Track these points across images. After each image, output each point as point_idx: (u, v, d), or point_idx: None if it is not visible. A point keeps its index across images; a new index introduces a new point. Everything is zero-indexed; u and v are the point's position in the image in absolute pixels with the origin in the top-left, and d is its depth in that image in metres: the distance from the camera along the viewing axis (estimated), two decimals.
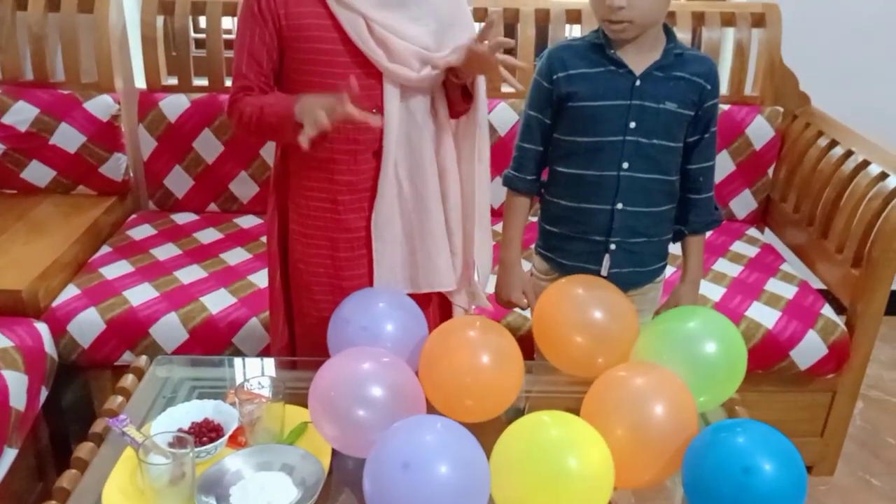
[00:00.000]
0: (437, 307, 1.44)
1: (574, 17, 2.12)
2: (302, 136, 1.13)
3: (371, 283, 1.34)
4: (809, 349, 1.74)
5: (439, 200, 1.34)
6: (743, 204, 2.20)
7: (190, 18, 2.10)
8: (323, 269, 1.34)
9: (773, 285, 1.88)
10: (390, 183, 1.29)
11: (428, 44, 1.25)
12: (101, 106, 2.03)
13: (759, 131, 2.12)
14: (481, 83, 1.31)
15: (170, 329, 1.69)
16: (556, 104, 1.31)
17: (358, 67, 1.22)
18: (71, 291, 1.74)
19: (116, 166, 2.09)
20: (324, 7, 1.21)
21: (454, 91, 1.31)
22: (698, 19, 2.13)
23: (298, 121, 1.17)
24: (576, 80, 1.28)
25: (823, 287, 1.94)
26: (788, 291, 1.86)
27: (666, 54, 1.26)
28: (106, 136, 2.05)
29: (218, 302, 1.73)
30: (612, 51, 1.26)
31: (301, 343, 1.43)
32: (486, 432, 1.03)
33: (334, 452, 1.11)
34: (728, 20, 2.14)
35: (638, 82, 1.25)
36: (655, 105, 1.26)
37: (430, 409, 1.15)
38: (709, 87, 1.28)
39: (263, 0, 1.22)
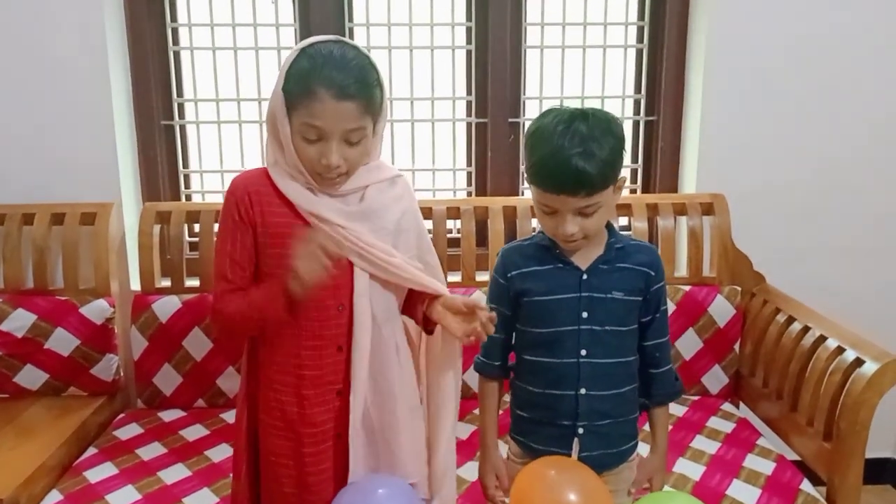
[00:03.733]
0: None
1: None
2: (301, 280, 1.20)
3: (335, 476, 1.34)
4: None
5: (401, 398, 1.37)
6: (714, 380, 2.23)
7: (185, 226, 2.22)
8: (293, 462, 1.35)
9: (752, 461, 1.87)
10: (360, 379, 1.33)
11: (388, 250, 1.35)
12: (96, 310, 2.10)
13: (721, 310, 2.20)
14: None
15: None
16: (514, 298, 1.38)
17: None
18: (54, 498, 1.70)
19: (107, 367, 2.12)
20: (298, 217, 1.32)
21: (415, 314, 1.42)
22: (653, 209, 2.28)
23: (293, 288, 1.23)
24: (528, 277, 1.36)
25: (799, 459, 1.92)
26: (767, 467, 1.84)
27: (608, 249, 1.35)
28: (99, 338, 2.10)
29: (200, 503, 1.69)
30: (558, 251, 1.35)
31: None
32: None
33: None
34: (680, 210, 2.28)
35: (585, 276, 1.33)
36: (603, 295, 1.33)
37: None
38: (653, 273, 1.37)
39: (243, 209, 1.32)
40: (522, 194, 2.48)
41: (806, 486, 1.77)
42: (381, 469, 1.37)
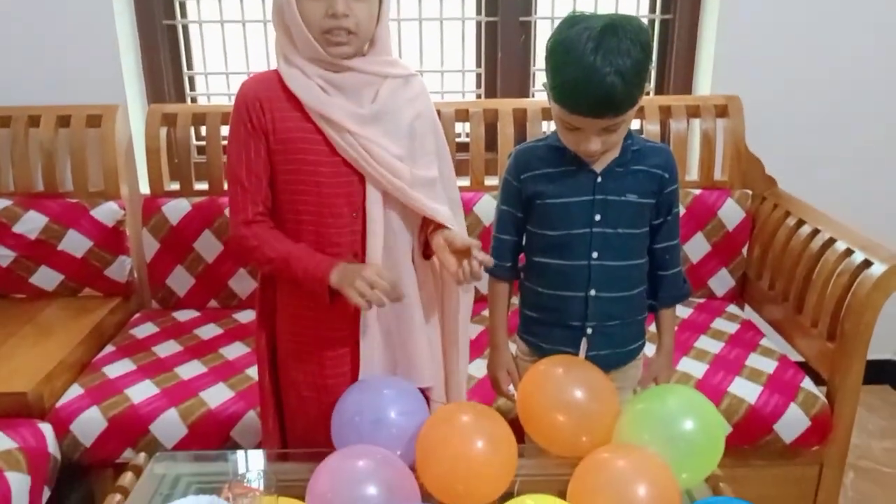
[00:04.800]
0: None
1: (550, 114, 2.19)
2: (355, 300, 1.21)
3: (352, 380, 1.36)
4: (792, 422, 1.74)
5: (417, 303, 1.37)
6: (721, 282, 2.24)
7: (192, 129, 2.19)
8: (311, 368, 1.37)
9: (754, 360, 1.90)
10: None
11: (401, 154, 1.31)
12: (107, 212, 2.10)
13: (731, 213, 2.18)
14: None
15: (169, 425, 1.69)
16: (526, 201, 1.36)
17: (341, 174, 1.28)
18: (75, 391, 1.75)
19: (121, 269, 2.14)
20: (309, 122, 1.27)
21: (419, 236, 1.39)
22: (666, 112, 2.23)
23: (334, 286, 1.23)
24: (541, 180, 1.33)
25: (802, 360, 1.95)
26: (769, 366, 1.87)
27: (624, 151, 1.32)
28: (111, 240, 2.11)
29: (216, 396, 1.74)
30: (573, 154, 1.31)
31: (292, 438, 1.44)
32: None
33: None
34: (693, 112, 2.23)
35: (599, 179, 1.31)
36: (618, 198, 1.31)
37: (427, 497, 1.15)
38: (667, 175, 1.34)
39: (254, 116, 1.28)
40: (533, 96, 2.42)
41: (807, 383, 1.80)
42: (399, 373, 1.38)
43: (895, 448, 2.26)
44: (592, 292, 1.33)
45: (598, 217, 1.31)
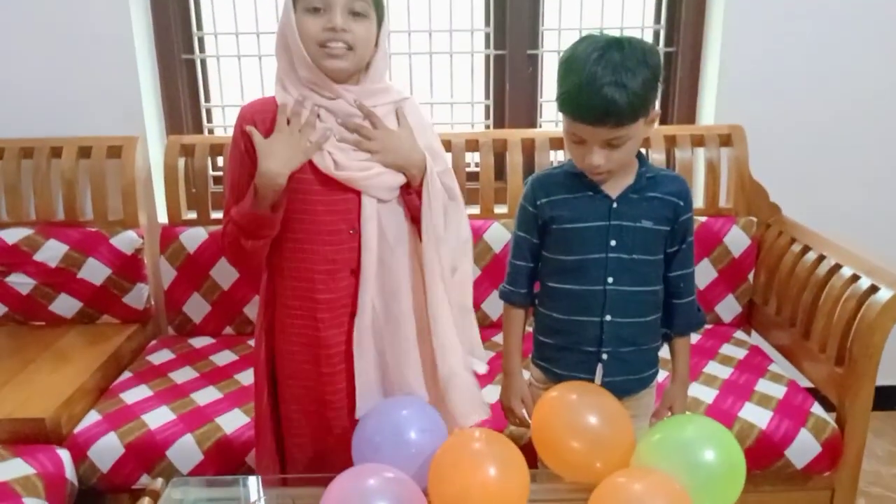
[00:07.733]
0: None
1: (557, 143, 2.20)
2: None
3: (351, 397, 1.34)
4: (803, 447, 1.70)
5: (410, 318, 1.35)
6: (728, 308, 2.21)
7: (209, 159, 2.19)
8: (310, 384, 1.35)
9: (763, 386, 1.86)
10: (367, 301, 1.31)
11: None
12: (126, 241, 2.09)
13: (736, 240, 2.16)
14: (431, 181, 1.33)
15: (185, 451, 1.66)
16: (542, 226, 1.34)
17: (336, 192, 1.28)
18: (92, 417, 1.72)
19: (139, 296, 2.12)
20: None
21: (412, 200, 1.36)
22: (671, 141, 2.22)
23: (262, 192, 1.23)
24: (557, 205, 1.32)
25: (811, 385, 1.91)
26: (778, 391, 1.83)
27: (639, 178, 1.31)
28: (130, 268, 2.09)
29: (232, 422, 1.71)
30: (588, 179, 1.30)
31: (291, 459, 1.42)
32: None
33: None
34: (698, 141, 2.22)
35: (615, 204, 1.29)
36: (633, 224, 1.29)
37: None
38: (682, 203, 1.32)
39: (247, 139, 1.29)
40: (540, 127, 2.42)
41: (817, 409, 1.76)
42: (394, 391, 1.36)
43: None
44: (608, 317, 1.31)
45: (613, 242, 1.29)
